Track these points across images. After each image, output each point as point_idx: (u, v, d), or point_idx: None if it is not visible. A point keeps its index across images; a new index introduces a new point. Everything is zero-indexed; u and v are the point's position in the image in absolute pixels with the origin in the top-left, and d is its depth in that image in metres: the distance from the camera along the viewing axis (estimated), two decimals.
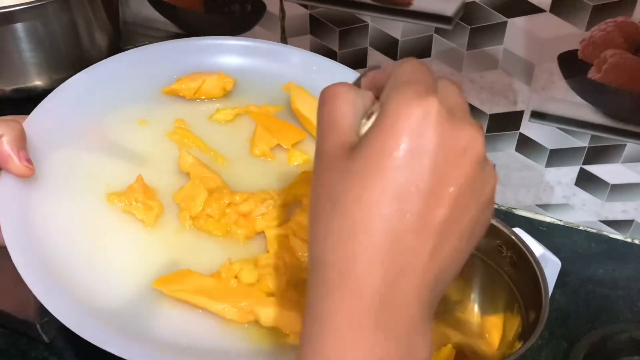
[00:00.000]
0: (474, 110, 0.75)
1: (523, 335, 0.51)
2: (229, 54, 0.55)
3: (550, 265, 0.59)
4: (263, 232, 0.45)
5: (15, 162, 0.42)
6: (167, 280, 0.42)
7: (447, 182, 0.29)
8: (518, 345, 0.50)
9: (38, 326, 0.62)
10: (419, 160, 0.29)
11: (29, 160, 0.43)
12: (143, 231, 0.45)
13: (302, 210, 0.46)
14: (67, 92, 0.49)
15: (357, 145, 0.30)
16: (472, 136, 0.30)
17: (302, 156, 0.50)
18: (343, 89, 0.32)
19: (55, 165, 0.46)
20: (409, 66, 0.32)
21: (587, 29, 0.64)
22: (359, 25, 0.74)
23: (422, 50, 0.73)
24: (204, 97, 0.53)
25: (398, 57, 0.75)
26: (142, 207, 0.45)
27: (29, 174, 0.43)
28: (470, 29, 0.69)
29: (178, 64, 0.53)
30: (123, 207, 0.45)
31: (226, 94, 0.53)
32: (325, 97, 0.32)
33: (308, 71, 0.55)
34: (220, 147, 0.50)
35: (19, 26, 0.59)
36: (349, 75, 0.56)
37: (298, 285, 0.43)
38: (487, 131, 0.76)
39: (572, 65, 0.67)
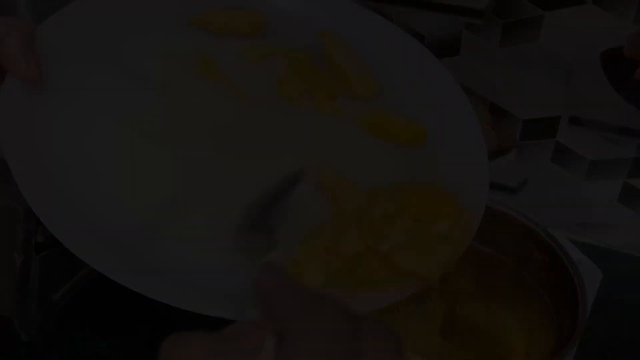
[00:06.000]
0: (506, 116, 0.70)
1: (555, 354, 0.46)
2: None
3: (589, 275, 0.53)
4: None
5: (23, 64, 0.37)
6: None
7: None
8: None
9: (15, 322, 0.57)
10: None
11: (37, 65, 0.38)
12: (158, 162, 0.42)
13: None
14: (87, 6, 0.46)
15: None
16: None
17: (333, 106, 0.48)
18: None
19: (65, 82, 0.42)
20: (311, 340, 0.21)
21: (635, 22, 0.61)
22: None
23: (450, 48, 0.69)
24: (232, 33, 0.50)
25: None
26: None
27: (36, 80, 0.38)
28: (503, 23, 0.66)
29: None
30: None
31: (256, 33, 0.51)
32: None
33: (345, 22, 0.52)
34: (246, 86, 0.48)
35: None
36: (391, 31, 0.51)
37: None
38: (520, 139, 0.71)
39: (616, 64, 0.63)
